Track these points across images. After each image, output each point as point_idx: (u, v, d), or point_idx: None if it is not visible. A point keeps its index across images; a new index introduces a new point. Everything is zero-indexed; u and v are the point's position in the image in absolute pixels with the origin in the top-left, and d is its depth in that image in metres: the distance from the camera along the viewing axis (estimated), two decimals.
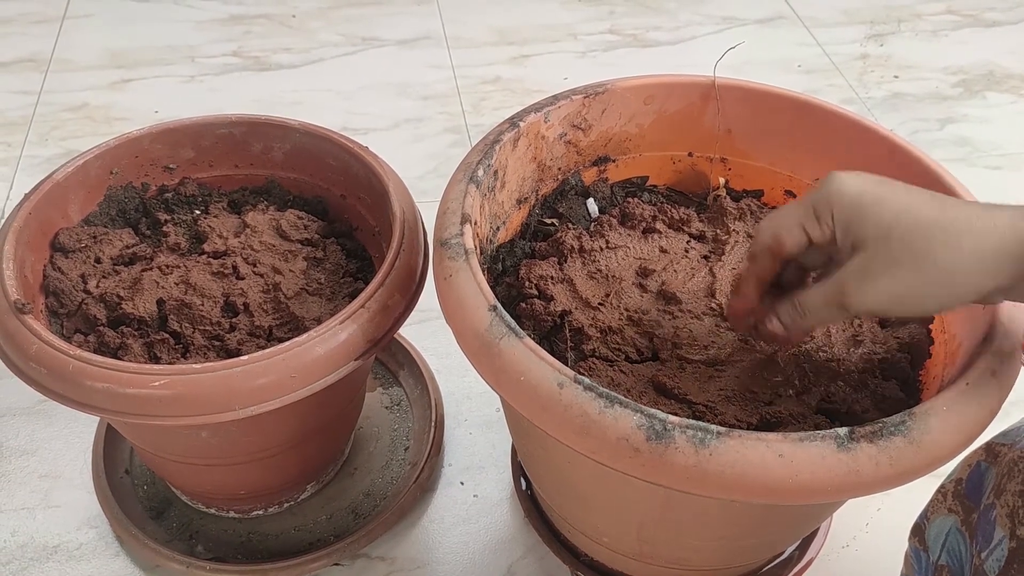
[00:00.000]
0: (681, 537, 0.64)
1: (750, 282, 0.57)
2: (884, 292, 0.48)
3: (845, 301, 0.50)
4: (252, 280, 0.73)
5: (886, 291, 0.48)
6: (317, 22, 1.52)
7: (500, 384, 0.54)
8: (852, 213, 0.49)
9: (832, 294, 0.51)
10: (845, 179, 0.50)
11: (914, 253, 0.46)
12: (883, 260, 0.48)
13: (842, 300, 0.50)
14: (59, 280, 0.72)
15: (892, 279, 0.47)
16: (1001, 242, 0.45)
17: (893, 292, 0.48)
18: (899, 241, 0.47)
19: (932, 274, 0.46)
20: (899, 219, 0.47)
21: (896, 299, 0.48)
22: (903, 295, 0.47)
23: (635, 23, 1.55)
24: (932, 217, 0.47)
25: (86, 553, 0.81)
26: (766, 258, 0.55)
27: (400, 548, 0.82)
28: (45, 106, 1.32)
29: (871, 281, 0.48)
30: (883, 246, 0.47)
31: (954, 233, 0.46)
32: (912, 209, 0.47)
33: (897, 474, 0.49)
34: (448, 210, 0.63)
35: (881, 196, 0.48)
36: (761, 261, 0.55)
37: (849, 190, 0.49)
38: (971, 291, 0.47)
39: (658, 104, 0.75)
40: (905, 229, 0.47)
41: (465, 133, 1.30)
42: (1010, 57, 1.49)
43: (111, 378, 0.60)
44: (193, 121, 0.81)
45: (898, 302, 0.48)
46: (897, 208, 0.47)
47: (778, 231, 0.53)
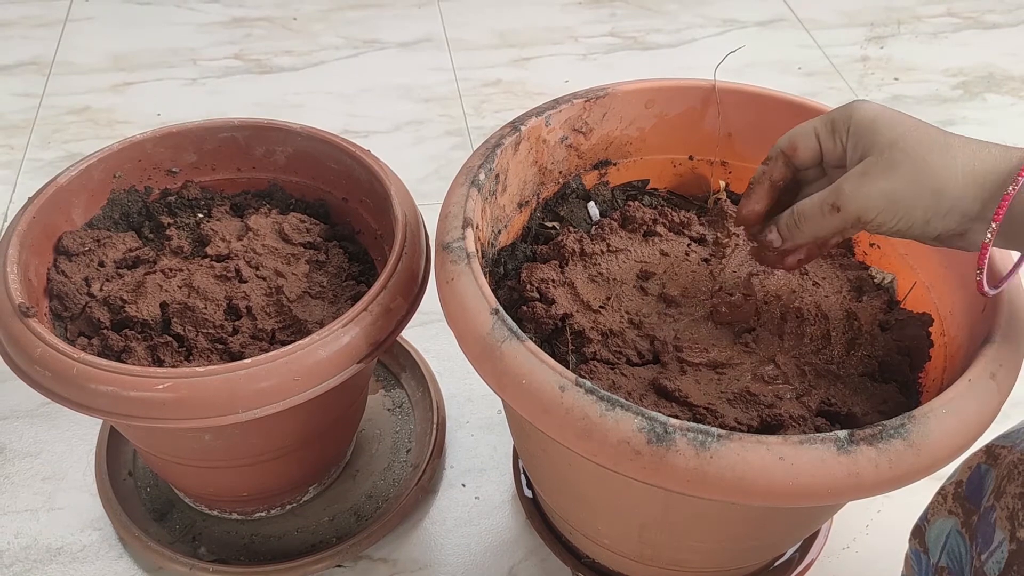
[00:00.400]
0: (682, 539, 0.65)
1: (763, 184, 0.59)
2: (878, 193, 0.51)
3: (840, 201, 0.52)
4: (255, 283, 0.74)
5: (880, 192, 0.51)
6: (318, 25, 1.52)
7: (502, 387, 0.54)
8: (866, 128, 0.52)
9: (829, 195, 0.53)
10: (865, 102, 0.54)
11: (913, 160, 0.50)
12: (884, 163, 0.51)
13: (837, 200, 0.52)
14: (63, 283, 0.72)
15: (888, 181, 0.50)
16: (993, 163, 0.50)
17: (886, 193, 0.50)
18: (902, 150, 0.50)
19: (925, 181, 0.50)
20: (906, 134, 0.51)
21: (888, 202, 0.50)
22: (895, 198, 0.50)
23: (636, 25, 1.55)
24: (935, 135, 0.51)
25: (89, 555, 0.81)
26: (779, 162, 0.58)
27: (402, 550, 0.82)
28: (47, 109, 1.32)
29: (869, 181, 0.51)
30: (887, 152, 0.51)
31: (953, 149, 0.50)
32: (920, 128, 0.51)
33: (897, 477, 0.49)
34: (450, 214, 0.63)
35: (895, 117, 0.52)
36: (774, 164, 0.58)
37: (868, 109, 0.53)
38: (956, 208, 0.50)
39: (659, 108, 0.76)
40: (910, 140, 0.50)
41: (466, 136, 1.30)
42: (1010, 59, 1.49)
43: (115, 381, 0.60)
44: (196, 125, 0.81)
45: (889, 206, 0.51)
46: (907, 126, 0.51)
47: (795, 137, 0.57)
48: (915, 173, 0.50)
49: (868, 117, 0.53)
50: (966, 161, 0.50)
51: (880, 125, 0.52)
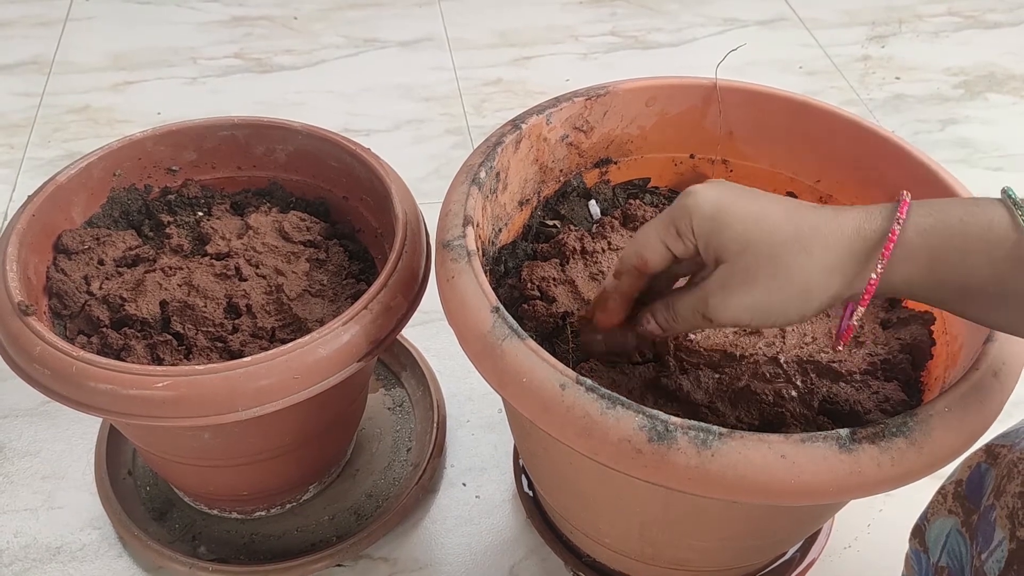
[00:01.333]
0: (683, 538, 0.65)
1: (615, 299, 0.57)
2: (743, 305, 0.49)
3: (708, 312, 0.51)
4: (255, 282, 0.74)
5: (745, 304, 0.49)
6: (319, 24, 1.52)
7: (502, 385, 0.54)
8: (710, 228, 0.49)
9: (697, 304, 0.51)
10: (701, 194, 0.50)
11: (769, 266, 0.48)
12: (741, 275, 0.49)
13: (705, 311, 0.51)
14: (62, 282, 0.72)
15: (750, 294, 0.48)
16: (849, 246, 0.47)
17: (752, 305, 0.49)
18: (754, 256, 0.48)
19: (787, 287, 0.48)
20: (753, 231, 0.48)
21: (755, 312, 0.49)
22: (761, 308, 0.48)
23: (636, 24, 1.55)
24: (784, 230, 0.48)
25: (89, 554, 0.81)
26: (632, 276, 0.56)
27: (402, 549, 0.82)
28: (48, 108, 1.32)
29: (730, 295, 0.49)
30: (740, 261, 0.48)
31: (805, 244, 0.47)
32: (766, 218, 0.48)
33: (899, 475, 0.49)
34: (450, 212, 0.63)
35: (737, 211, 0.49)
36: (627, 279, 0.56)
37: (705, 205, 0.50)
38: (825, 297, 0.48)
39: (660, 106, 0.75)
40: (759, 245, 0.48)
41: (467, 135, 1.30)
42: (1011, 58, 1.49)
43: (114, 379, 0.60)
44: (196, 123, 0.81)
45: (758, 315, 0.49)
46: (752, 220, 0.48)
47: (642, 250, 0.53)
48: (775, 282, 0.48)
49: (707, 213, 0.49)
50: (821, 254, 0.47)
51: (723, 224, 0.49)
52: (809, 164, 0.74)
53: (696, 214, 0.50)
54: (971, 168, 1.27)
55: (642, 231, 0.54)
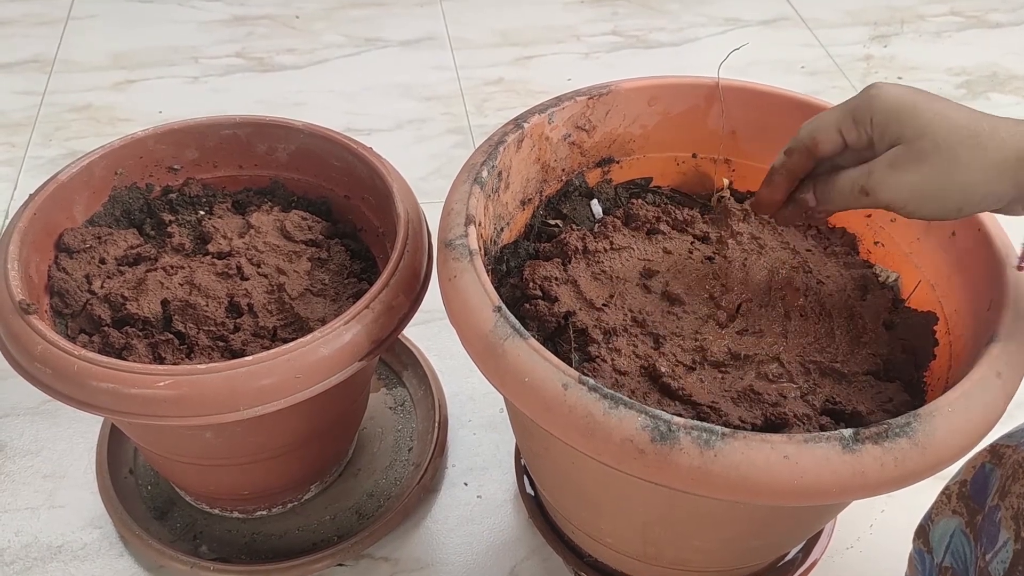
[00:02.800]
0: (685, 538, 0.64)
1: (782, 174, 0.59)
2: (907, 185, 0.51)
3: (869, 185, 0.53)
4: (256, 281, 0.73)
5: (909, 184, 0.51)
6: (320, 23, 1.52)
7: (504, 385, 0.54)
8: (890, 118, 0.51)
9: (860, 178, 0.53)
10: (885, 88, 0.52)
11: (942, 153, 0.49)
12: (914, 154, 0.50)
13: (867, 184, 0.53)
14: (64, 281, 0.72)
15: (917, 174, 0.50)
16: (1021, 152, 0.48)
17: (915, 186, 0.51)
18: (931, 141, 0.50)
19: (955, 176, 0.49)
20: (934, 122, 0.50)
21: (915, 192, 0.51)
22: (925, 191, 0.50)
23: (638, 24, 1.55)
24: (963, 123, 0.50)
25: (90, 553, 0.81)
26: (801, 156, 0.58)
27: (404, 549, 0.82)
28: (49, 107, 1.32)
29: (897, 173, 0.51)
30: (916, 143, 0.50)
31: (983, 138, 0.49)
32: (947, 114, 0.50)
33: (902, 475, 0.49)
34: (452, 211, 0.63)
35: (919, 102, 0.51)
36: (796, 157, 0.58)
37: (889, 97, 0.52)
38: (990, 196, 0.50)
39: (662, 105, 0.75)
40: (938, 131, 0.50)
41: (468, 134, 1.30)
42: (1014, 58, 1.49)
43: (116, 378, 0.60)
44: (197, 122, 0.81)
45: (916, 196, 0.51)
46: (933, 112, 0.50)
47: (816, 132, 0.56)
48: (944, 167, 0.49)
49: (891, 106, 0.52)
50: (996, 151, 0.49)
51: (905, 114, 0.51)
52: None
53: (878, 105, 0.52)
54: None
55: (820, 115, 0.56)
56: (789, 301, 0.65)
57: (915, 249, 0.69)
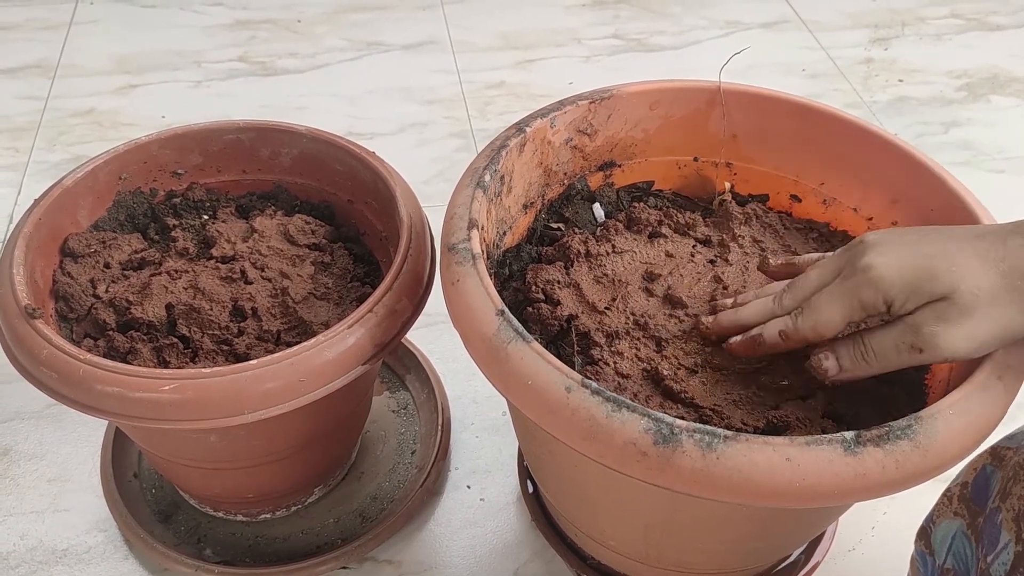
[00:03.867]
0: (688, 541, 0.65)
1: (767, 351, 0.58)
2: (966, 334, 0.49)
3: (921, 342, 0.50)
4: (260, 285, 0.74)
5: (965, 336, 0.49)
6: (322, 27, 1.53)
7: (507, 388, 0.54)
8: (908, 291, 0.50)
9: (905, 336, 0.51)
10: (882, 262, 0.50)
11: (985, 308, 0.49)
12: (958, 310, 0.49)
13: (916, 341, 0.50)
14: (69, 285, 0.72)
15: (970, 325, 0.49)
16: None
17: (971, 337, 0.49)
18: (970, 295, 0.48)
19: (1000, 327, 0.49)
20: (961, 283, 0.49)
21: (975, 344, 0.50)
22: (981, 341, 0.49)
23: (640, 27, 1.55)
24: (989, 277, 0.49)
25: (95, 557, 0.81)
26: (798, 344, 0.56)
27: (407, 551, 0.82)
28: (52, 112, 1.32)
29: (948, 325, 0.49)
30: (953, 297, 0.49)
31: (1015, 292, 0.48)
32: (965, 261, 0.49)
33: (903, 478, 0.49)
34: (455, 215, 0.63)
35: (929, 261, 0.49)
36: (791, 344, 0.56)
37: (892, 273, 0.50)
38: None
39: (664, 109, 0.76)
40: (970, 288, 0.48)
41: (471, 138, 1.30)
42: (1014, 61, 1.49)
43: (121, 382, 0.60)
44: (201, 127, 0.81)
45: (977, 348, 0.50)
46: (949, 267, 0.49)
47: (822, 328, 0.54)
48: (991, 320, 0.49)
49: (901, 282, 0.50)
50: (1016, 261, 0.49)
51: (921, 281, 0.49)
52: (813, 167, 0.75)
53: (886, 285, 0.50)
54: (974, 171, 1.27)
55: (823, 309, 0.53)
56: None
57: None
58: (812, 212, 0.76)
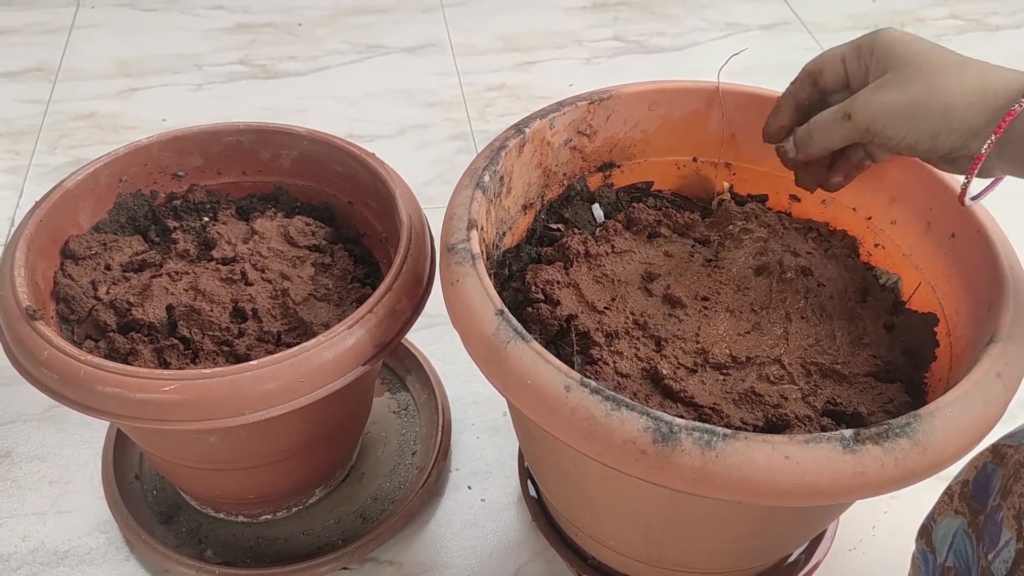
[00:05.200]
0: (688, 539, 0.65)
1: (788, 102, 0.63)
2: (889, 103, 0.54)
3: (852, 109, 0.56)
4: (261, 286, 0.74)
5: (891, 102, 0.54)
6: (323, 30, 1.53)
7: (507, 388, 0.55)
8: (888, 49, 0.55)
9: (843, 104, 0.57)
10: (891, 29, 0.56)
11: (927, 76, 0.53)
12: (900, 78, 0.54)
13: (849, 108, 0.56)
14: (69, 287, 0.72)
15: (900, 93, 0.53)
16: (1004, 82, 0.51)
17: (897, 105, 0.54)
18: (918, 67, 0.53)
19: (937, 97, 0.52)
20: (925, 53, 0.54)
21: (897, 113, 0.54)
22: (905, 111, 0.53)
23: (639, 29, 1.55)
24: (953, 57, 0.53)
25: (96, 558, 0.81)
26: (806, 82, 0.61)
27: (408, 552, 0.83)
28: (53, 115, 1.33)
29: (882, 92, 0.54)
30: (904, 69, 0.54)
31: (968, 69, 0.52)
32: (939, 49, 0.54)
33: (903, 475, 0.49)
34: (455, 215, 0.63)
35: (916, 41, 0.55)
36: (800, 83, 0.62)
37: (892, 34, 0.56)
38: (965, 124, 0.52)
39: (663, 110, 0.76)
40: (927, 59, 0.53)
41: (471, 140, 1.30)
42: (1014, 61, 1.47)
43: (121, 383, 0.61)
44: (201, 129, 0.81)
45: (898, 118, 0.54)
46: (926, 47, 0.54)
47: (821, 61, 0.60)
48: (928, 89, 0.52)
49: (891, 40, 0.55)
50: (978, 80, 0.52)
51: (900, 47, 0.55)
52: None
53: (880, 41, 0.56)
54: None
55: (830, 49, 0.60)
56: (790, 303, 0.66)
57: (915, 251, 0.69)
58: (811, 212, 0.77)
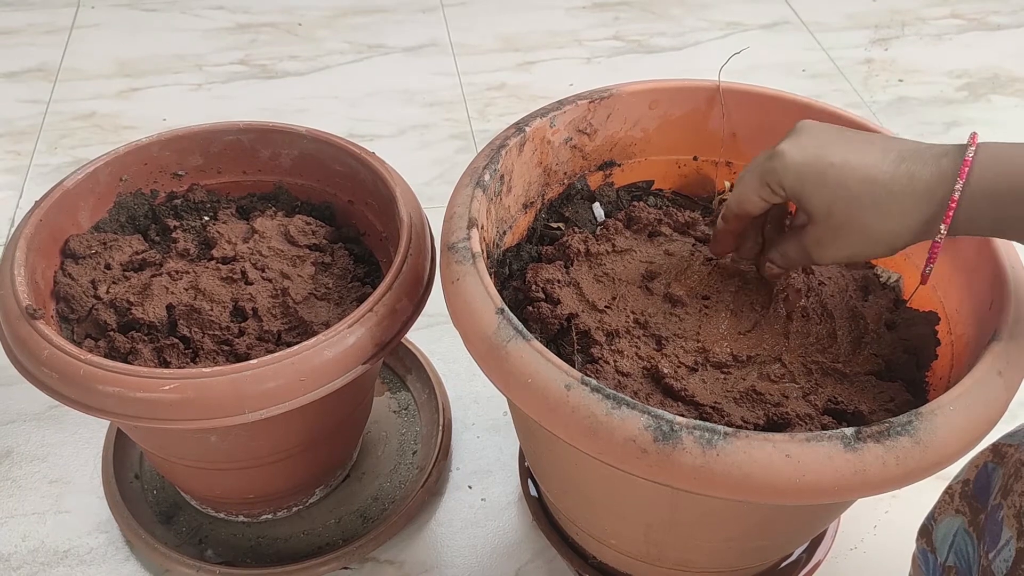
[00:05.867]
0: (689, 539, 0.65)
1: (728, 236, 0.64)
2: (837, 254, 0.57)
3: (813, 260, 0.59)
4: (261, 285, 0.74)
5: (838, 253, 0.57)
6: (323, 30, 1.53)
7: (508, 386, 0.55)
8: (797, 189, 0.56)
9: (802, 254, 0.60)
10: (787, 156, 0.56)
11: (852, 230, 0.55)
12: (831, 233, 0.56)
13: (809, 259, 0.59)
14: (69, 286, 0.72)
15: (842, 249, 0.56)
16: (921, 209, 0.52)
17: (844, 254, 0.57)
18: (838, 220, 0.55)
19: (871, 242, 0.55)
20: (836, 199, 0.54)
21: (850, 257, 0.57)
22: (853, 255, 0.57)
23: (640, 29, 1.55)
24: (863, 197, 0.54)
25: (96, 558, 0.81)
26: (737, 221, 0.62)
27: (408, 552, 0.82)
28: (54, 115, 1.33)
29: (826, 248, 0.57)
30: (827, 222, 0.55)
31: (882, 210, 0.53)
32: (846, 188, 0.54)
33: (904, 474, 0.49)
34: (455, 214, 0.63)
35: (821, 172, 0.55)
36: (733, 223, 0.63)
37: (790, 170, 0.56)
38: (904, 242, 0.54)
39: (663, 109, 0.76)
40: (841, 211, 0.54)
41: (471, 139, 1.30)
42: (1015, 60, 1.49)
43: (121, 382, 0.61)
44: (201, 128, 0.81)
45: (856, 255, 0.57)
46: (833, 187, 0.54)
47: (742, 204, 0.60)
48: (860, 238, 0.55)
49: (793, 180, 0.55)
50: (898, 217, 0.53)
51: (809, 187, 0.55)
52: None
53: (784, 177, 0.56)
54: None
55: (740, 185, 0.60)
56: (791, 302, 0.66)
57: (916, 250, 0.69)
58: None
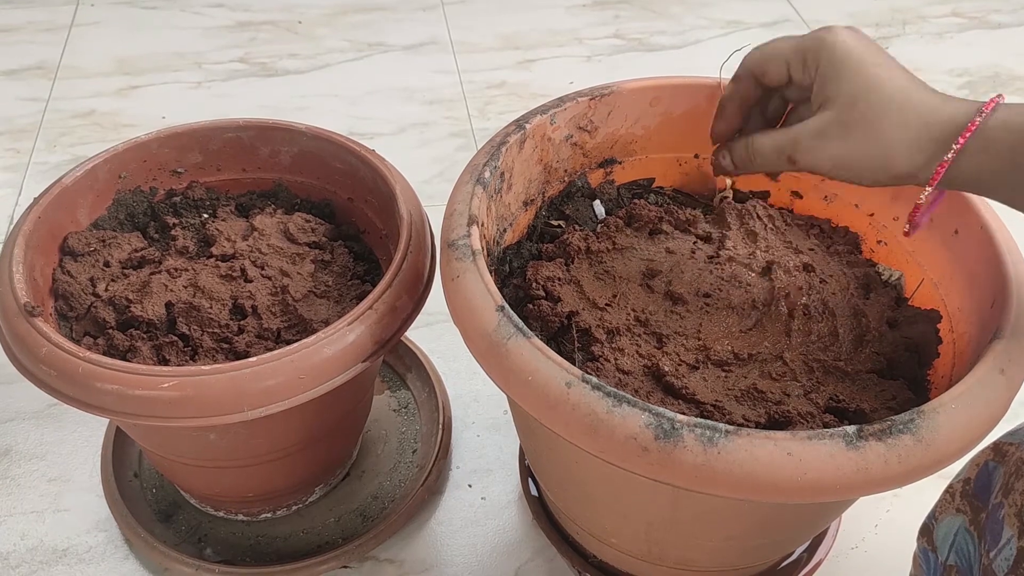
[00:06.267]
0: (690, 537, 0.64)
1: (733, 102, 0.60)
2: (832, 153, 0.52)
3: (794, 155, 0.54)
4: (260, 283, 0.74)
5: (833, 153, 0.52)
6: (323, 28, 1.53)
7: (508, 384, 0.54)
8: (833, 71, 0.52)
9: (784, 144, 0.54)
10: (838, 34, 0.52)
11: (867, 125, 0.50)
12: (841, 124, 0.51)
13: (792, 153, 0.54)
14: (68, 283, 0.72)
15: (841, 146, 0.51)
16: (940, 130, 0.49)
17: (838, 156, 0.52)
18: (860, 112, 0.51)
19: (875, 149, 0.51)
20: (868, 90, 0.50)
21: (838, 163, 0.52)
22: (846, 161, 0.52)
23: (640, 27, 1.55)
24: (894, 100, 0.50)
25: (95, 556, 0.81)
26: (749, 81, 0.57)
27: (408, 550, 0.82)
28: (53, 113, 1.32)
29: (825, 140, 0.52)
30: (846, 112, 0.51)
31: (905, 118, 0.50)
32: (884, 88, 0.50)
33: (905, 472, 0.49)
34: (455, 212, 0.63)
35: (864, 65, 0.51)
36: (743, 83, 0.58)
37: (839, 48, 0.52)
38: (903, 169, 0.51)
39: (664, 106, 0.75)
40: (870, 101, 0.50)
41: (471, 137, 1.30)
42: (1016, 59, 1.49)
43: (120, 380, 0.60)
44: (201, 125, 0.81)
45: (840, 169, 0.52)
46: (871, 81, 0.51)
47: (765, 60, 0.56)
48: (868, 141, 0.51)
49: (838, 57, 0.52)
50: (919, 127, 0.50)
51: (847, 71, 0.51)
52: None
53: (827, 52, 0.52)
54: None
55: (772, 43, 0.55)
56: (792, 300, 0.65)
57: (918, 248, 0.69)
58: (813, 209, 0.76)
